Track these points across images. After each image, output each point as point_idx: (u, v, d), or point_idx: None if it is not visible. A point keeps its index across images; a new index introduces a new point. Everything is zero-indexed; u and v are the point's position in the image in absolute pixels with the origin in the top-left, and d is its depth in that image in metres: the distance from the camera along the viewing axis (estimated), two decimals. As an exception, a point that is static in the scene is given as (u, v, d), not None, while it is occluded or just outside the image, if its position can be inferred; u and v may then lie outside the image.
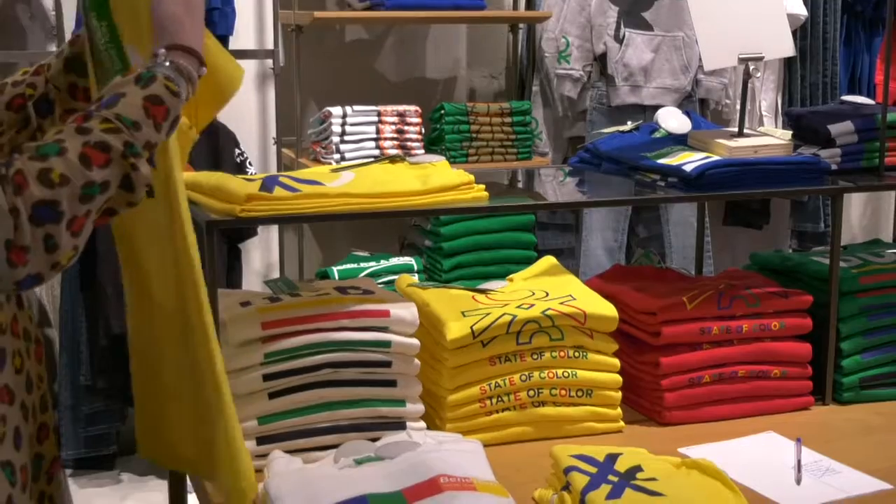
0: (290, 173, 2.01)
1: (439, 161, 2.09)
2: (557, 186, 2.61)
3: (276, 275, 4.10)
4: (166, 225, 1.52)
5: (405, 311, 1.91)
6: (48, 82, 1.62)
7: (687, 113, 2.49)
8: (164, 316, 1.62)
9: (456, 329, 1.97)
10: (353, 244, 3.80)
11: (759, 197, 4.17)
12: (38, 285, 1.29)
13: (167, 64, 1.41)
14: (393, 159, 2.14)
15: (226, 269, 3.81)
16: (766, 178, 2.20)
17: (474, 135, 3.92)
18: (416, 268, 3.48)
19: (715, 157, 2.19)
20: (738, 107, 4.25)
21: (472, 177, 2.01)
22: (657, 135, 2.42)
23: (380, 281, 3.37)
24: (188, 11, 1.45)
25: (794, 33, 3.56)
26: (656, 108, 4.01)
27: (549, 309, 2.03)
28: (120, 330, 3.14)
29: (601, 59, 4.10)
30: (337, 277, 3.34)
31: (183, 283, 1.53)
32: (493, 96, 4.43)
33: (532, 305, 2.05)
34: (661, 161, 2.22)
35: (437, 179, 1.97)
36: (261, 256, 4.19)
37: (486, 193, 2.00)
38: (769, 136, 2.35)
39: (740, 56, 2.28)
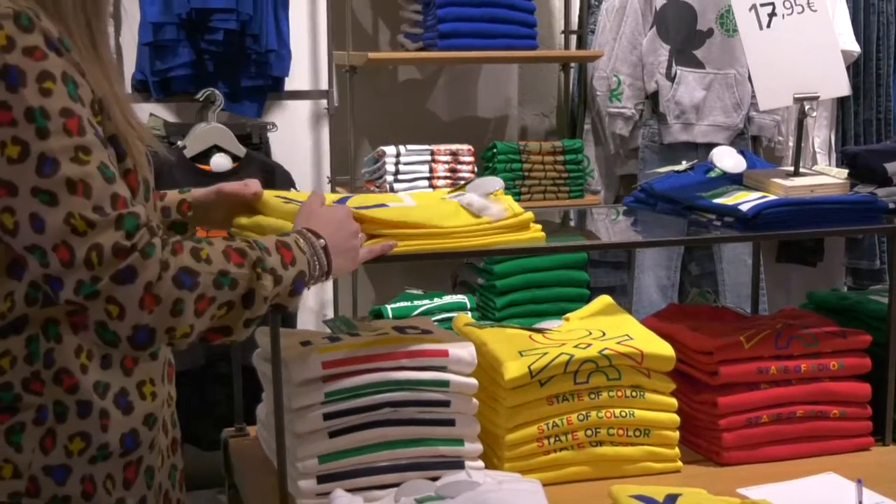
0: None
1: (499, 188, 2.08)
2: (610, 225, 2.62)
3: (329, 312, 4.13)
4: None
5: (463, 351, 1.93)
6: None
7: (742, 152, 2.49)
8: None
9: (514, 368, 1.98)
10: (407, 282, 3.82)
11: (817, 236, 4.15)
12: (148, 346, 1.39)
13: (298, 231, 1.64)
14: (456, 188, 2.15)
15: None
16: (823, 218, 2.19)
17: (526, 173, 3.94)
18: (468, 305, 3.50)
19: (771, 197, 2.19)
20: (790, 144, 4.26)
21: (530, 214, 2.02)
22: (712, 174, 2.42)
23: (433, 319, 3.40)
24: (339, 228, 1.70)
25: (846, 69, 3.56)
26: (708, 145, 4.02)
27: (606, 348, 2.04)
28: (181, 366, 3.17)
29: (653, 98, 4.11)
30: (391, 315, 3.37)
31: None
32: (544, 135, 4.46)
33: (589, 345, 2.06)
34: (717, 201, 2.22)
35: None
36: (315, 294, 4.23)
37: (542, 234, 2.02)
38: (825, 175, 2.35)
39: (795, 95, 2.28)
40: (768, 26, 2.28)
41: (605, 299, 2.36)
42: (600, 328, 2.17)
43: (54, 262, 1.32)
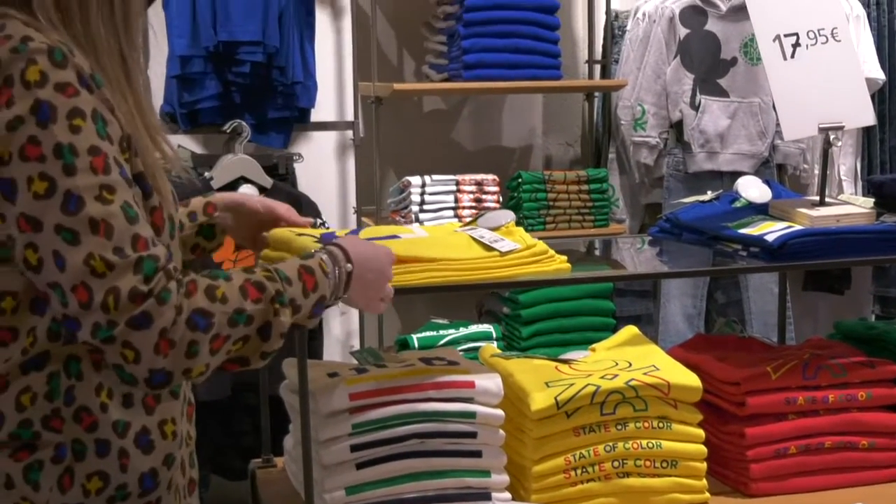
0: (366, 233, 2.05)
1: (509, 220, 2.08)
2: (636, 254, 2.63)
3: (355, 342, 4.14)
4: None
5: (490, 382, 1.93)
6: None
7: (767, 182, 2.50)
8: None
9: (540, 400, 1.98)
10: (432, 311, 3.83)
11: (843, 266, 4.13)
12: (166, 387, 1.39)
13: (324, 249, 1.62)
14: (467, 222, 2.16)
15: (306, 337, 3.86)
16: (849, 247, 2.19)
17: (551, 202, 3.95)
18: (494, 335, 3.50)
19: (796, 227, 2.19)
20: (816, 171, 4.25)
21: (543, 245, 2.02)
22: (737, 204, 2.42)
23: (459, 349, 3.40)
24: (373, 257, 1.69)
25: (872, 97, 3.56)
26: (733, 174, 4.02)
27: (632, 379, 2.04)
28: (207, 397, 3.19)
29: (677, 126, 4.12)
30: (417, 345, 3.37)
31: None
32: (569, 164, 4.47)
33: (616, 376, 2.06)
34: (743, 231, 2.23)
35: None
36: (341, 324, 4.24)
37: (568, 265, 2.02)
38: (851, 205, 2.35)
39: (820, 125, 2.29)
40: (792, 57, 2.29)
41: (631, 330, 2.36)
42: (626, 359, 2.17)
43: (73, 302, 1.32)
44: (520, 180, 3.94)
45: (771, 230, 2.19)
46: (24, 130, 1.30)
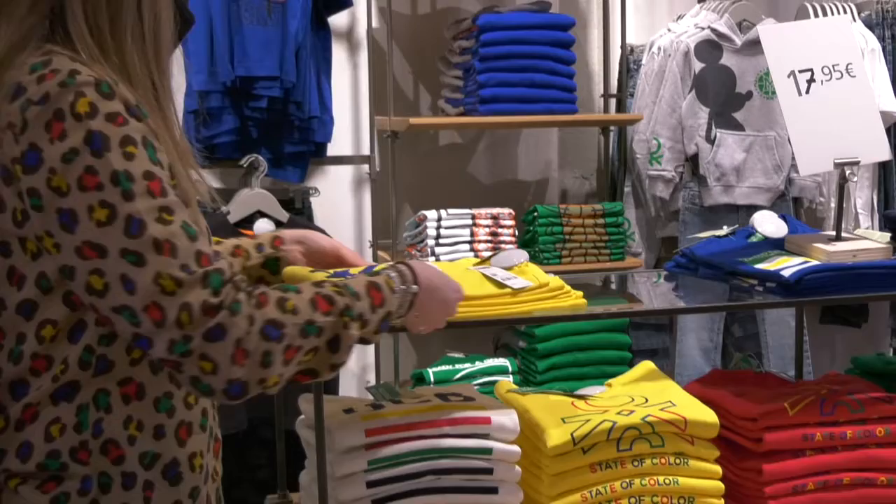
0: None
1: (522, 260, 2.09)
2: (652, 288, 2.62)
3: (371, 376, 4.14)
4: None
5: (506, 419, 1.93)
6: (244, 269, 1.86)
7: (783, 217, 2.49)
8: None
9: (556, 436, 1.98)
10: (448, 345, 3.83)
11: (860, 302, 4.11)
12: (242, 397, 1.41)
13: (393, 267, 1.66)
14: (481, 260, 2.16)
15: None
16: (867, 283, 2.18)
17: (567, 236, 3.95)
18: (510, 369, 3.50)
19: (813, 262, 2.19)
20: (832, 204, 4.24)
21: (558, 280, 2.03)
22: (753, 239, 2.42)
23: (475, 383, 3.40)
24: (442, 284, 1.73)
25: (887, 130, 3.56)
26: (749, 207, 4.02)
27: (649, 415, 2.03)
28: (224, 430, 3.19)
29: (693, 160, 4.12)
30: (433, 379, 3.37)
31: None
32: (584, 197, 4.47)
33: (632, 412, 2.05)
34: (759, 266, 2.22)
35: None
36: (357, 358, 4.24)
37: (584, 301, 2.03)
38: (867, 240, 2.35)
39: (836, 161, 2.29)
40: (807, 92, 2.29)
41: (647, 365, 2.36)
42: (643, 394, 2.17)
43: (146, 322, 1.34)
44: (535, 214, 3.94)
45: (787, 265, 2.18)
46: (80, 161, 1.33)
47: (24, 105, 1.34)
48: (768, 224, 2.44)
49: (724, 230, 2.50)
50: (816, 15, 4.15)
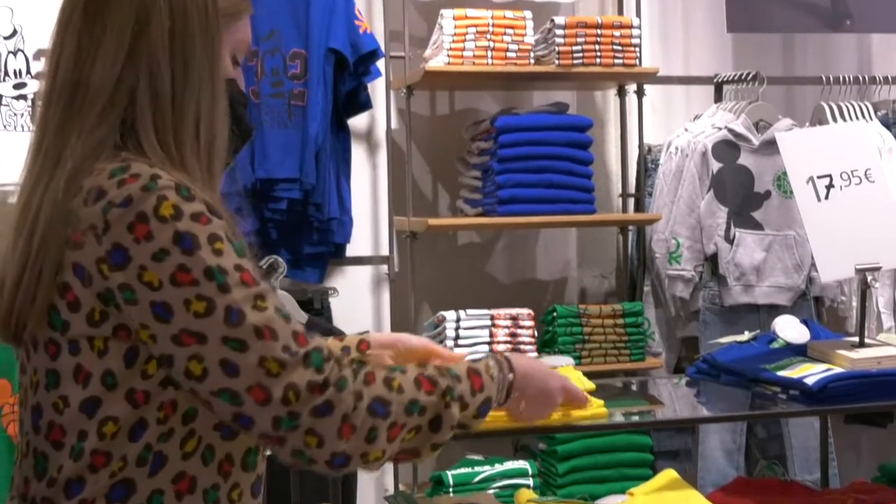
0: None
1: (566, 364, 2.08)
2: (673, 389, 2.60)
3: (389, 479, 4.09)
4: None
5: (526, 532, 1.90)
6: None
7: (805, 321, 2.47)
8: None
9: (578, 550, 1.95)
10: (467, 447, 3.79)
11: (884, 409, 4.06)
12: (344, 469, 1.45)
13: (491, 355, 1.69)
14: None
15: (340, 477, 3.82)
16: (891, 389, 2.16)
17: (587, 336, 3.94)
18: (530, 472, 3.46)
19: (836, 370, 2.16)
20: (854, 304, 4.22)
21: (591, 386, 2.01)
22: (775, 345, 2.40)
23: (495, 486, 3.36)
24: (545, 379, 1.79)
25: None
26: (770, 307, 4.00)
27: (672, 528, 2.00)
28: None
29: (712, 259, 4.11)
30: (451, 482, 3.33)
31: None
32: (604, 296, 4.46)
33: (655, 524, 2.02)
34: (782, 373, 2.20)
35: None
36: (375, 459, 4.19)
37: (605, 410, 2.00)
38: (891, 346, 2.32)
39: (857, 266, 2.27)
40: (826, 198, 2.29)
41: (669, 473, 2.33)
42: (666, 505, 2.14)
43: (249, 401, 1.37)
44: (555, 314, 3.93)
45: (810, 373, 2.16)
46: (172, 260, 1.36)
47: (106, 207, 1.38)
48: (790, 330, 2.42)
49: (746, 335, 2.48)
50: (833, 114, 4.17)
